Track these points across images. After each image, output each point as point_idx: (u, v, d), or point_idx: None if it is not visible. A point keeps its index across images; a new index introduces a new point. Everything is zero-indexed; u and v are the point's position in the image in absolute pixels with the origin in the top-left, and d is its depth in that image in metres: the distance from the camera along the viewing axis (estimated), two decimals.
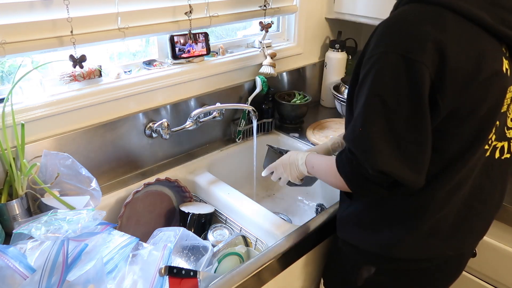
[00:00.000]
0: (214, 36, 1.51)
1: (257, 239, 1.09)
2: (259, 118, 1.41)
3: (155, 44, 1.32)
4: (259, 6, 1.44)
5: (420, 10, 0.69)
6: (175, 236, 0.99)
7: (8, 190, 1.01)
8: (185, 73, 1.32)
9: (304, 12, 1.62)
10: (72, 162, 1.05)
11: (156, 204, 1.22)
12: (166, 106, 1.30)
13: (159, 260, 0.84)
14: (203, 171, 1.33)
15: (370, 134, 0.70)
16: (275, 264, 0.95)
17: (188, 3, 1.22)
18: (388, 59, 0.68)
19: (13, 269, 0.74)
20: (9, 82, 1.08)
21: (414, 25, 0.68)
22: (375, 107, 0.70)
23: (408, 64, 0.66)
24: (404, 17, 0.69)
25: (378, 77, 0.69)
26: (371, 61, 0.70)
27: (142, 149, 1.29)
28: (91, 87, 1.14)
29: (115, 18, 1.11)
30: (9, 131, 1.02)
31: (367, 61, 0.71)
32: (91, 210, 0.89)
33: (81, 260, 0.79)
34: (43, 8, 0.99)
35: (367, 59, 0.71)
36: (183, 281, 0.83)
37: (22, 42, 0.97)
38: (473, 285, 1.25)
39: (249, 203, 1.17)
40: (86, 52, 1.07)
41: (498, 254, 1.16)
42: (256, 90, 1.50)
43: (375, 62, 0.69)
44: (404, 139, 0.70)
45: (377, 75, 0.69)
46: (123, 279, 0.82)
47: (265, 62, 1.51)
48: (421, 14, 0.69)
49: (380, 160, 0.70)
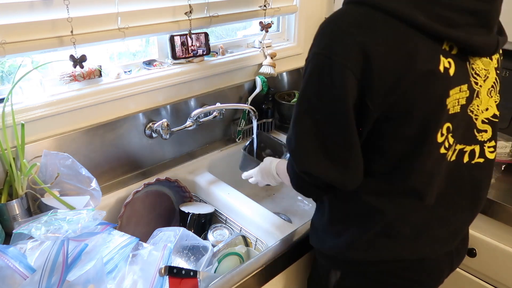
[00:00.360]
0: (214, 36, 1.51)
1: (257, 239, 1.09)
2: (259, 118, 1.41)
3: (155, 44, 1.32)
4: (259, 6, 1.44)
5: (350, 12, 0.70)
6: (175, 236, 0.99)
7: (8, 190, 1.01)
8: (185, 73, 1.31)
9: (304, 12, 1.62)
10: (72, 162, 1.05)
11: (156, 204, 1.22)
12: (166, 106, 1.30)
13: (159, 260, 0.84)
14: (203, 171, 1.33)
15: (297, 134, 0.74)
16: (275, 264, 0.95)
17: (188, 3, 1.22)
18: (316, 60, 0.70)
19: (13, 269, 0.74)
20: (9, 82, 1.08)
21: (340, 28, 0.69)
22: (303, 106, 0.73)
23: (332, 66, 0.68)
24: (334, 19, 0.71)
25: (308, 77, 0.72)
26: (307, 61, 0.73)
27: (142, 149, 1.29)
28: (91, 87, 1.14)
29: (115, 18, 1.11)
30: (9, 131, 1.02)
31: (306, 60, 0.74)
32: (91, 210, 0.89)
33: (81, 260, 0.79)
34: (43, 8, 0.99)
35: (306, 59, 0.74)
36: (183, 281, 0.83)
37: (22, 42, 0.97)
38: (473, 285, 1.25)
39: (249, 203, 1.17)
40: (86, 52, 1.07)
41: (498, 254, 1.16)
42: (256, 90, 1.50)
43: (308, 62, 0.72)
44: (328, 139, 0.72)
45: (308, 75, 0.72)
46: (123, 279, 0.82)
47: (265, 62, 1.51)
48: (349, 16, 0.70)
49: (305, 160, 0.73)
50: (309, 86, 0.72)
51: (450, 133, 0.75)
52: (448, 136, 0.75)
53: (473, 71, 0.76)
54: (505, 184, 1.21)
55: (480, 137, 0.82)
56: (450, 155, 0.78)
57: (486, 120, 0.82)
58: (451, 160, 0.79)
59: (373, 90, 0.67)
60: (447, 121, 0.73)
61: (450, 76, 0.70)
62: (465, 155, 0.81)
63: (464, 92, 0.74)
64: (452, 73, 0.71)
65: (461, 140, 0.79)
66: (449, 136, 0.75)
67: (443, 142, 0.75)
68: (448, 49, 0.71)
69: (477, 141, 0.82)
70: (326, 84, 0.69)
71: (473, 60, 0.76)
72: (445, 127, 0.74)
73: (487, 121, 0.82)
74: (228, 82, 1.47)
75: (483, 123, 0.82)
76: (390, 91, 0.67)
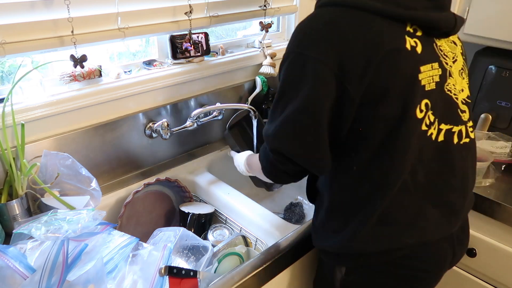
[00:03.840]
0: (214, 36, 1.51)
1: (257, 239, 1.09)
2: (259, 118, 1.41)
3: (155, 44, 1.32)
4: (259, 6, 1.44)
5: (319, 13, 0.79)
6: (175, 236, 0.99)
7: (8, 190, 1.01)
8: (185, 73, 1.32)
9: (304, 12, 1.62)
10: (72, 162, 1.05)
11: (156, 204, 1.22)
12: (166, 106, 1.30)
13: (159, 260, 0.84)
14: (203, 171, 1.33)
15: (273, 120, 0.82)
16: (275, 264, 0.95)
17: (188, 3, 1.22)
18: (290, 58, 0.78)
19: (13, 269, 0.74)
20: (9, 82, 1.08)
21: (310, 27, 0.78)
22: (280, 96, 0.81)
23: (305, 60, 0.75)
24: (305, 22, 0.79)
25: (284, 73, 0.80)
26: (281, 62, 0.82)
27: (142, 149, 1.29)
28: (91, 87, 1.14)
29: (115, 18, 1.11)
30: (9, 131, 1.02)
31: (280, 63, 0.82)
32: (91, 210, 0.89)
33: (81, 260, 0.79)
34: (44, 8, 0.99)
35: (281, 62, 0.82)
36: (183, 281, 0.83)
37: (22, 42, 0.97)
38: (473, 285, 1.25)
39: (249, 203, 1.17)
40: (86, 52, 1.07)
41: (498, 254, 1.16)
42: (256, 90, 1.50)
43: (283, 63, 0.81)
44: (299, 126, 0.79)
45: (284, 71, 0.80)
46: (123, 279, 0.82)
47: (265, 62, 1.51)
48: (318, 16, 0.79)
49: (277, 141, 0.82)
50: (284, 80, 0.80)
51: (430, 111, 0.79)
52: (428, 113, 0.79)
53: (441, 52, 0.83)
54: (505, 184, 1.21)
55: (464, 117, 0.87)
56: (435, 134, 0.82)
57: (464, 100, 0.87)
58: (438, 140, 0.82)
59: (349, 75, 0.73)
60: (424, 97, 0.78)
61: (418, 53, 0.77)
62: (454, 136, 0.85)
63: (437, 70, 0.80)
64: (419, 51, 0.77)
65: (446, 120, 0.83)
66: (429, 113, 0.79)
67: (423, 119, 0.79)
68: (413, 31, 0.78)
69: (462, 122, 0.86)
70: (299, 76, 0.76)
71: (439, 43, 0.83)
72: (423, 103, 0.78)
73: (465, 102, 0.87)
74: (228, 82, 1.47)
75: (463, 103, 0.87)
76: (364, 73, 0.73)
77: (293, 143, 0.80)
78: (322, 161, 0.82)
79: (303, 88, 0.76)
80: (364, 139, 0.79)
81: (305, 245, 1.03)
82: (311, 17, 0.80)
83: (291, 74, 0.79)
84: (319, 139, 0.79)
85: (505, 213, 1.11)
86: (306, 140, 0.79)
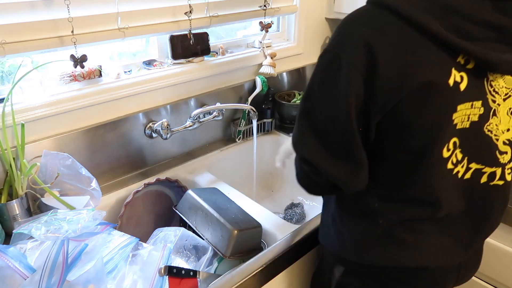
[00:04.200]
0: (214, 36, 1.51)
1: None
2: (259, 118, 1.41)
3: (155, 44, 1.32)
4: (259, 6, 1.44)
5: (367, 12, 0.69)
6: (175, 236, 0.99)
7: (8, 190, 1.01)
8: (185, 73, 1.31)
9: (304, 12, 1.62)
10: (72, 162, 1.05)
11: (156, 204, 1.22)
12: (166, 106, 1.30)
13: (159, 260, 0.84)
14: (203, 171, 1.33)
15: (300, 126, 0.75)
16: (275, 264, 0.95)
17: (188, 3, 1.22)
18: (326, 56, 0.71)
19: (13, 269, 0.74)
20: (9, 82, 1.08)
21: (352, 26, 0.69)
22: (307, 99, 0.74)
23: (340, 64, 0.67)
24: (351, 18, 0.70)
25: (315, 73, 0.73)
26: (318, 57, 0.74)
27: (142, 149, 1.29)
28: (91, 87, 1.14)
29: (115, 18, 1.11)
30: (9, 131, 1.02)
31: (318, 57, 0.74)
32: (91, 210, 0.89)
33: (81, 260, 0.79)
34: (44, 8, 0.99)
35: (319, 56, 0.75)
36: (183, 281, 0.83)
37: (22, 42, 0.97)
38: (473, 285, 1.25)
39: (249, 203, 1.17)
40: (86, 52, 1.07)
41: (499, 254, 1.16)
42: (256, 90, 1.50)
43: (319, 58, 0.73)
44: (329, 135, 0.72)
45: (315, 70, 0.73)
46: (123, 279, 0.82)
47: (265, 62, 1.51)
48: (365, 17, 0.69)
49: (305, 149, 0.74)
50: (315, 81, 0.73)
51: (457, 149, 0.73)
52: (456, 151, 0.73)
53: (491, 88, 0.72)
54: None
55: (502, 159, 0.78)
56: (461, 172, 0.76)
57: (507, 141, 0.78)
58: (464, 177, 0.77)
59: (376, 94, 0.67)
60: (454, 136, 0.71)
61: (460, 91, 0.68)
62: (484, 176, 0.78)
63: (477, 109, 0.71)
64: (463, 88, 0.68)
65: (478, 159, 0.76)
66: (456, 151, 0.73)
67: (450, 157, 0.73)
68: (464, 63, 0.68)
69: (499, 164, 0.78)
70: (331, 80, 0.69)
71: (492, 77, 0.72)
72: (452, 142, 0.72)
73: (508, 142, 0.78)
74: (228, 82, 1.47)
75: (504, 144, 0.78)
76: (388, 99, 0.67)
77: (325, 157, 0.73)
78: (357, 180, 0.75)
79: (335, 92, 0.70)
80: (384, 160, 0.75)
81: (305, 246, 1.03)
82: (357, 15, 0.70)
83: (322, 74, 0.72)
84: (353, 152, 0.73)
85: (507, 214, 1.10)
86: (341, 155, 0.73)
